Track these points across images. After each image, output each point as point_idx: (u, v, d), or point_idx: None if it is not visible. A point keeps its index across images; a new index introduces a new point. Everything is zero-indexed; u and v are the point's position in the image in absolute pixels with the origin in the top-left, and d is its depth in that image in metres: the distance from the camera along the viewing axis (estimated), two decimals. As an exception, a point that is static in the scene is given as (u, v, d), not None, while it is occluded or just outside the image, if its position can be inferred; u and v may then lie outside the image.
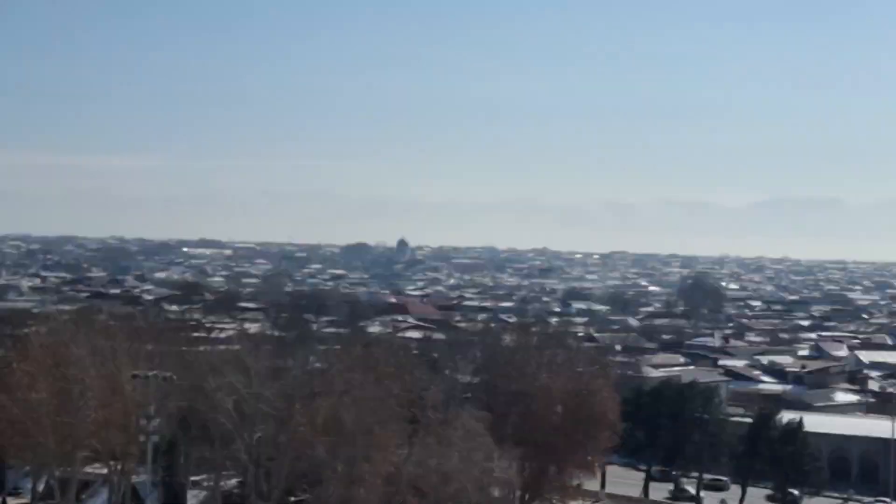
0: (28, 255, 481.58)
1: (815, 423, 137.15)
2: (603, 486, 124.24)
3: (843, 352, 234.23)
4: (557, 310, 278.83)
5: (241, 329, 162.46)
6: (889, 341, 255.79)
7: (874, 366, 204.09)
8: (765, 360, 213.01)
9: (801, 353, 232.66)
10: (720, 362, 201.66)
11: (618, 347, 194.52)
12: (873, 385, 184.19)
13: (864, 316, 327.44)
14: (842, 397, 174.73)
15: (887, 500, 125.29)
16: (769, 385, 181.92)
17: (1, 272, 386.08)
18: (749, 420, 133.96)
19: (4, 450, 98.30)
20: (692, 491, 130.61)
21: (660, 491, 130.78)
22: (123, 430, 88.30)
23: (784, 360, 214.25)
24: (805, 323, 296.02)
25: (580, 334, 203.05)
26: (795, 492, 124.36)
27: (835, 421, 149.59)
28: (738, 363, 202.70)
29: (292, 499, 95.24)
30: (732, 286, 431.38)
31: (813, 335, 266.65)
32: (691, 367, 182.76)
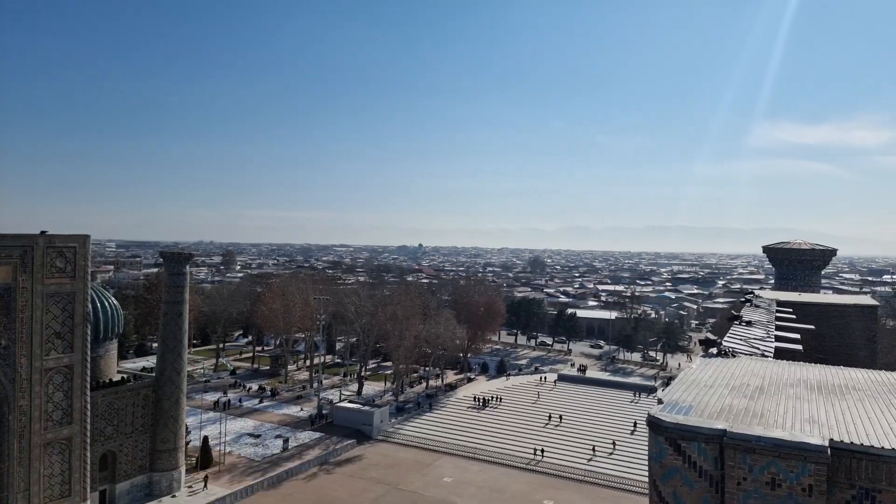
0: (271, 253, 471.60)
1: (581, 313, 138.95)
2: (499, 337, 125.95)
3: (591, 285, 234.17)
4: (481, 271, 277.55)
5: (356, 279, 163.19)
6: (610, 281, 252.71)
7: (604, 291, 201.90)
8: (561, 288, 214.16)
9: (575, 285, 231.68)
10: (545, 290, 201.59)
11: (504, 285, 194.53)
12: (604, 298, 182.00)
13: (599, 271, 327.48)
14: (591, 303, 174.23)
15: (603, 342, 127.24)
16: (563, 298, 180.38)
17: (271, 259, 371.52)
18: (555, 312, 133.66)
19: (263, 327, 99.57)
20: (539, 340, 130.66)
21: (521, 339, 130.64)
22: (310, 319, 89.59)
23: (569, 288, 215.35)
24: (577, 275, 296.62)
25: (490, 279, 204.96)
26: (571, 341, 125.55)
27: (588, 312, 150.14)
28: (550, 290, 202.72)
29: (377, 345, 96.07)
30: (549, 261, 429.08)
31: (580, 279, 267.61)
32: (532, 292, 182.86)
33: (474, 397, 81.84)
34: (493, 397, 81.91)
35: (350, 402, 76.45)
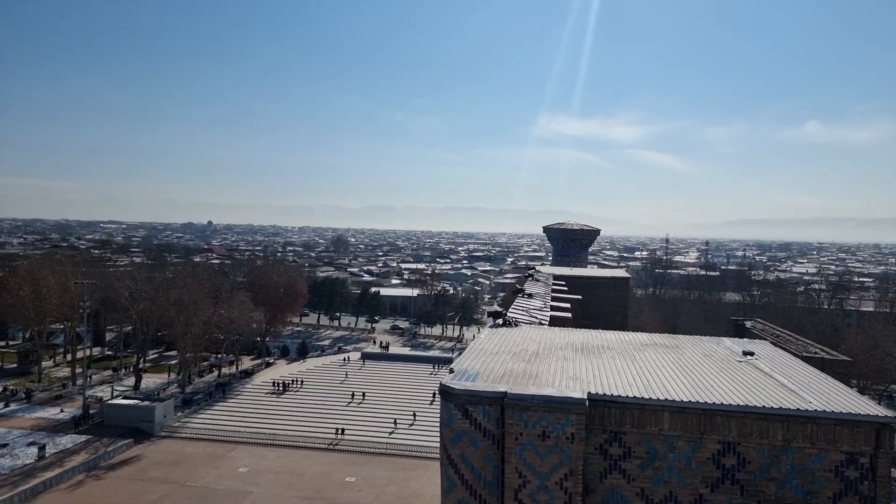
0: (14, 229, 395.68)
1: (384, 291, 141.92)
2: (301, 319, 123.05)
3: (394, 264, 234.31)
4: (280, 250, 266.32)
5: (131, 260, 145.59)
6: (412, 260, 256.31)
7: (407, 269, 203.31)
8: (365, 267, 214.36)
9: (379, 264, 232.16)
10: (348, 269, 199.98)
11: (306, 265, 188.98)
12: (406, 276, 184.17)
13: (402, 250, 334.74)
14: (395, 281, 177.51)
15: (415, 319, 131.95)
16: (367, 277, 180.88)
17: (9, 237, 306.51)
18: (359, 291, 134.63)
19: (6, 318, 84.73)
20: (343, 320, 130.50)
21: (324, 320, 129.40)
22: (70, 307, 78.72)
23: (372, 267, 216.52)
24: (380, 254, 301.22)
25: (291, 258, 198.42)
26: (376, 317, 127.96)
27: (391, 290, 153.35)
28: (354, 269, 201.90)
29: (159, 333, 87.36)
30: (352, 240, 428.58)
31: (384, 258, 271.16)
32: (335, 272, 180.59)
33: (273, 382, 79.21)
34: (293, 381, 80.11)
35: (125, 397, 68.67)
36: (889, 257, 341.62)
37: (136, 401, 66.36)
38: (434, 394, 74.64)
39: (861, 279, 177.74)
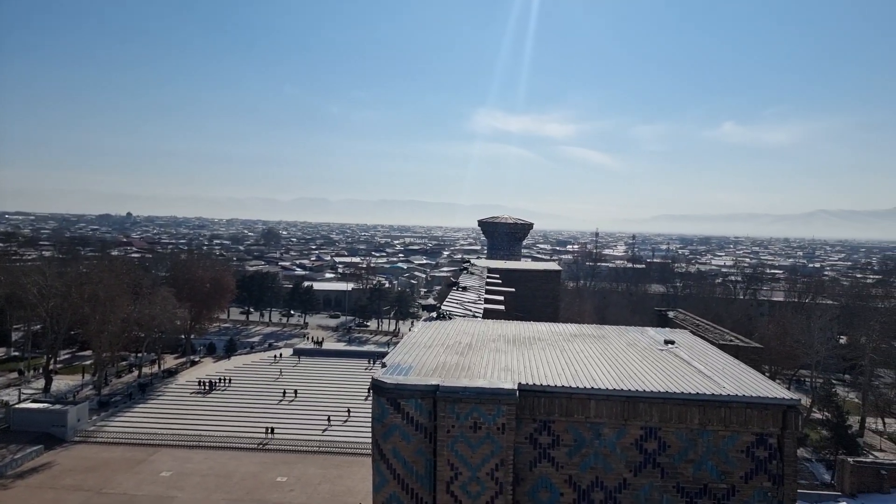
0: None
1: (318, 286, 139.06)
2: (228, 315, 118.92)
3: (328, 257, 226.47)
4: (207, 244, 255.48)
5: (40, 254, 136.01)
6: (347, 253, 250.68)
7: (341, 263, 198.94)
8: (297, 261, 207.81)
9: (312, 258, 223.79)
10: (280, 263, 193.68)
11: (234, 258, 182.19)
12: (341, 270, 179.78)
13: (336, 244, 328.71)
14: (329, 275, 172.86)
15: (339, 312, 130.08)
16: (299, 271, 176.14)
17: None
18: (291, 285, 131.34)
19: None
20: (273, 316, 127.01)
21: (254, 316, 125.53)
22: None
23: (305, 261, 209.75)
24: (313, 248, 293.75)
25: (218, 252, 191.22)
26: (294, 312, 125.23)
27: (325, 284, 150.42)
28: (286, 263, 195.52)
29: (71, 332, 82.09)
30: (284, 233, 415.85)
31: (317, 251, 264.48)
32: (266, 266, 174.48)
33: (199, 381, 76.22)
34: (220, 379, 77.40)
35: (34, 401, 64.30)
36: (797, 251, 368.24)
37: (46, 404, 62.31)
38: (369, 389, 74.08)
39: (773, 271, 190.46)
